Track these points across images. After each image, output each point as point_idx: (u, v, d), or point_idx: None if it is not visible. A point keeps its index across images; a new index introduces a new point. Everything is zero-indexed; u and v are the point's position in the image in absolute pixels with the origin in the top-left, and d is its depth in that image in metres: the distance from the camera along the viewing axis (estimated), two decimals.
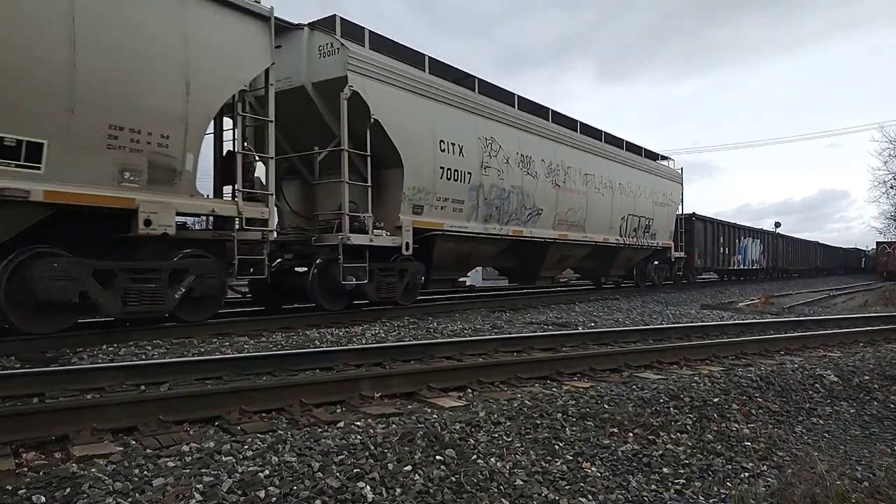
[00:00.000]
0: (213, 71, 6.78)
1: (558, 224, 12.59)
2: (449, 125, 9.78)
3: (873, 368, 5.69)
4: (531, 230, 11.82)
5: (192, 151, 6.59)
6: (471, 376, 4.82)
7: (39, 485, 2.49)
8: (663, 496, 2.96)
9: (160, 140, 6.31)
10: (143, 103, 6.18)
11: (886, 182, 35.20)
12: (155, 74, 6.24)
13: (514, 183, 11.18)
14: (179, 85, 6.46)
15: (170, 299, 6.62)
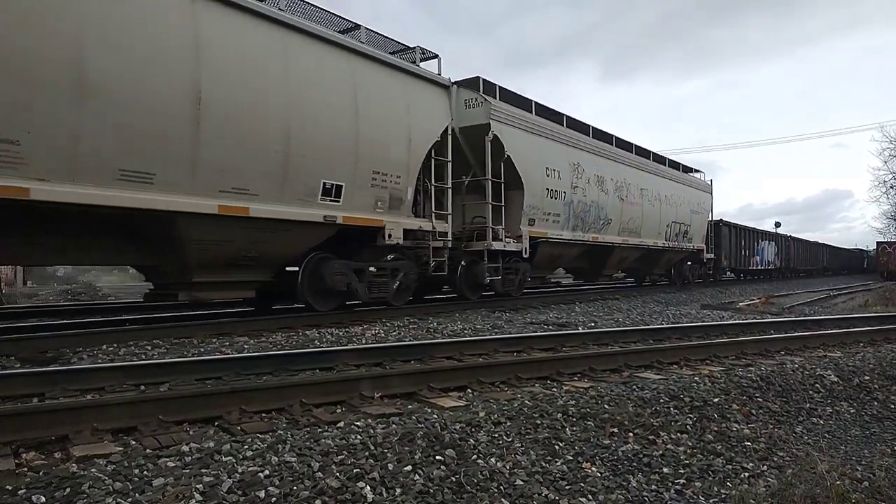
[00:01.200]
0: (422, 129, 9.43)
1: (622, 231, 15.21)
2: (551, 155, 12.43)
3: (873, 368, 5.69)
4: (603, 236, 14.39)
5: (410, 186, 9.28)
6: (471, 376, 4.81)
7: (39, 485, 2.49)
8: (663, 496, 2.96)
9: (395, 180, 8.97)
10: (389, 156, 8.84)
11: (886, 182, 35.29)
12: (394, 136, 8.93)
13: (592, 198, 13.78)
14: (405, 142, 9.12)
15: (391, 289, 9.20)
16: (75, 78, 5.63)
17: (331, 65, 8.05)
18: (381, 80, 8.81)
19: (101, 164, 5.87)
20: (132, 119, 5.99)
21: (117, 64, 5.88)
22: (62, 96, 5.57)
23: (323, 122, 7.85)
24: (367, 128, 8.44)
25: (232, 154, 6.84)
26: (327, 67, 8.00)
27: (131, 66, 5.98)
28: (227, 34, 6.85)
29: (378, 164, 8.67)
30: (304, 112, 7.60)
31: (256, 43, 7.13)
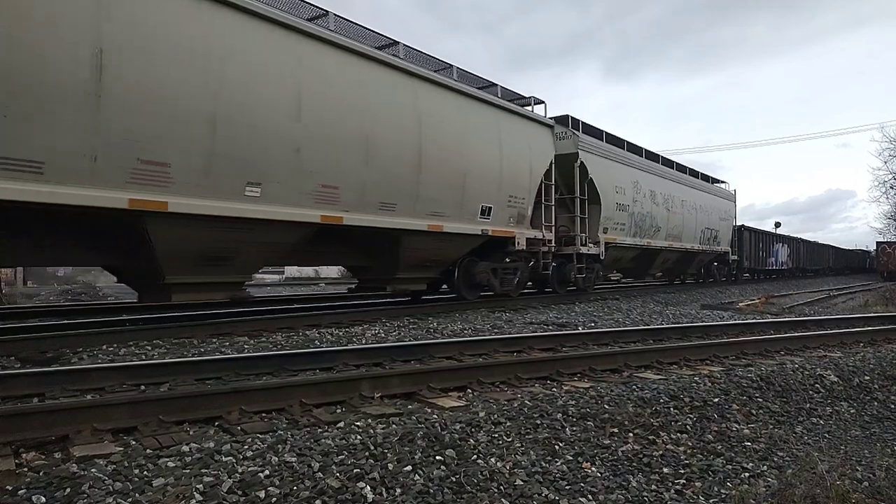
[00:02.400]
0: (538, 160, 12.01)
1: (667, 237, 17.86)
2: (618, 175, 15.08)
3: (874, 368, 5.69)
4: (654, 241, 17.06)
5: (530, 205, 11.88)
6: (471, 376, 4.81)
7: (39, 485, 2.49)
8: (663, 496, 2.96)
9: (521, 201, 11.54)
10: (518, 183, 11.39)
11: (886, 182, 35.28)
12: (521, 168, 11.52)
13: (647, 210, 16.47)
14: (528, 171, 11.71)
15: (514, 283, 11.94)
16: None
17: (486, 119, 10.75)
18: (513, 127, 11.45)
19: (373, 200, 8.55)
20: (393, 170, 8.74)
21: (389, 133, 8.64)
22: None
23: (483, 163, 10.54)
24: (506, 164, 11.08)
25: (436, 191, 9.56)
26: (483, 121, 10.65)
27: (393, 133, 8.71)
28: (434, 107, 9.52)
29: (512, 190, 11.30)
30: (473, 159, 10.27)
31: (445, 108, 9.84)
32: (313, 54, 7.51)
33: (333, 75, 7.77)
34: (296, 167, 7.30)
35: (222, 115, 6.49)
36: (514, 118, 11.52)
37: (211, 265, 7.04)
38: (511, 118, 11.40)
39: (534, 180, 11.85)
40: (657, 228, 17.00)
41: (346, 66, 7.94)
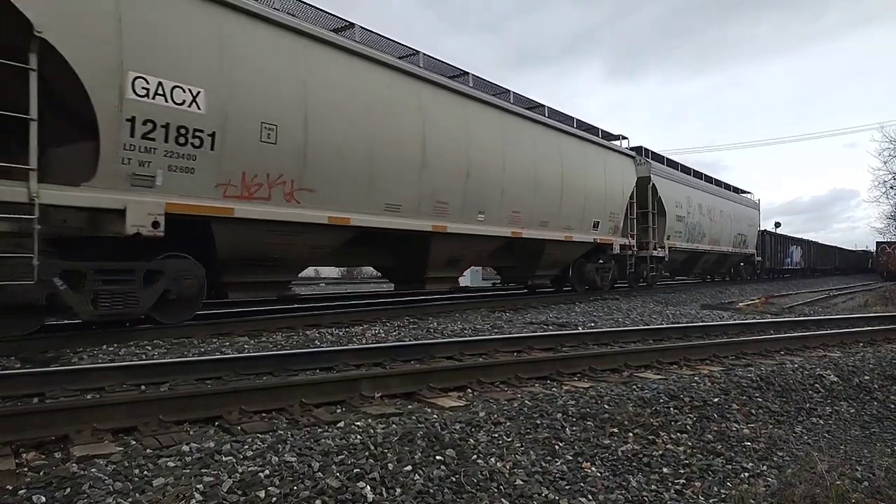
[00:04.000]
0: (627, 184, 15.22)
1: (709, 242, 21.30)
2: (676, 192, 18.40)
3: (873, 368, 5.69)
4: (701, 246, 20.58)
5: (621, 219, 15.02)
6: (471, 376, 4.81)
7: (39, 485, 2.49)
8: (663, 496, 2.96)
9: (617, 216, 14.70)
10: (615, 202, 14.58)
11: (886, 182, 35.29)
12: (617, 191, 14.69)
13: (697, 220, 19.89)
14: (621, 193, 14.89)
15: (608, 281, 15.18)
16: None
17: (597, 156, 14.13)
18: (612, 160, 14.76)
19: (535, 220, 11.87)
20: (550, 199, 12.18)
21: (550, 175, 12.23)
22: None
23: (596, 189, 13.77)
24: (608, 188, 14.27)
25: (569, 211, 12.82)
26: (596, 158, 14.06)
27: (552, 174, 12.27)
28: (572, 152, 12.96)
29: (612, 208, 14.48)
30: (590, 186, 13.57)
31: (576, 150, 13.23)
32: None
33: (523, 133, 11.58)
34: (501, 202, 10.97)
35: (470, 170, 10.09)
36: (612, 153, 14.88)
37: (450, 266, 10.81)
38: (610, 154, 14.77)
39: (624, 199, 15.11)
40: (703, 235, 20.58)
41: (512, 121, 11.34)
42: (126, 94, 5.85)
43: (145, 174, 6.10)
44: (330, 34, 7.97)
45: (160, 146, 6.15)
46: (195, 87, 6.36)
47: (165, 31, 6.16)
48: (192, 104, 6.33)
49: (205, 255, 6.97)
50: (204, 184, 6.56)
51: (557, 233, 12.44)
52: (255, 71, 6.91)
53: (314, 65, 7.58)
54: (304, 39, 7.52)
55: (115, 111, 5.81)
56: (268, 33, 7.12)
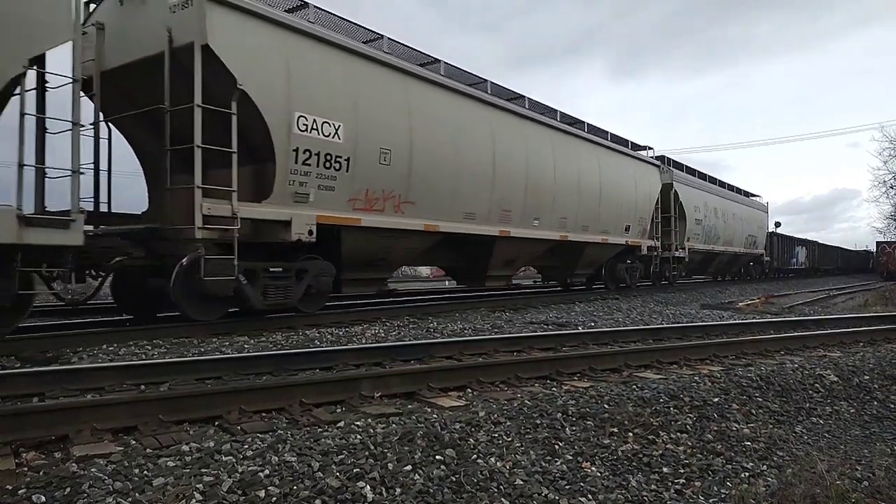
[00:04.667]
0: (654, 192, 17.01)
1: (724, 243, 23.08)
2: (694, 197, 20.04)
3: (873, 368, 5.69)
4: (716, 247, 22.35)
5: (648, 223, 16.70)
6: (471, 376, 4.81)
7: (39, 484, 2.49)
8: (663, 496, 2.96)
9: (645, 220, 16.42)
10: (644, 207, 16.26)
11: (886, 182, 35.28)
12: (645, 198, 16.33)
13: (712, 223, 21.62)
14: (649, 200, 16.65)
15: (636, 278, 16.96)
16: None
17: (629, 166, 15.90)
18: (641, 169, 16.40)
19: (578, 225, 13.45)
20: (588, 205, 13.74)
21: (592, 186, 14.03)
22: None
23: (628, 196, 15.54)
24: (639, 195, 15.99)
25: (607, 216, 14.44)
26: (628, 168, 15.79)
27: (593, 185, 14.00)
28: (610, 163, 14.72)
29: (641, 213, 16.16)
30: (624, 194, 15.27)
31: (613, 162, 14.98)
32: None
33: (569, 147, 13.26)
34: (552, 209, 12.54)
35: (528, 182, 11.63)
36: (641, 163, 16.62)
37: (507, 265, 12.26)
38: (639, 163, 16.50)
39: (651, 205, 16.85)
40: (717, 237, 22.29)
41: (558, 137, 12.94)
42: (293, 129, 7.42)
43: (303, 192, 7.66)
44: (429, 73, 9.66)
45: (313, 170, 7.74)
46: (337, 121, 7.96)
47: (317, 78, 7.83)
48: (335, 136, 7.95)
49: (331, 257, 8.41)
50: (340, 199, 8.15)
51: (596, 236, 14.11)
52: (375, 106, 8.52)
53: (416, 98, 9.20)
54: (410, 78, 9.20)
55: (286, 143, 7.37)
56: (384, 74, 8.76)
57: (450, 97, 9.99)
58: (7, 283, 5.67)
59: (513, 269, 12.79)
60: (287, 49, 7.47)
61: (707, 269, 23.84)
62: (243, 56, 6.92)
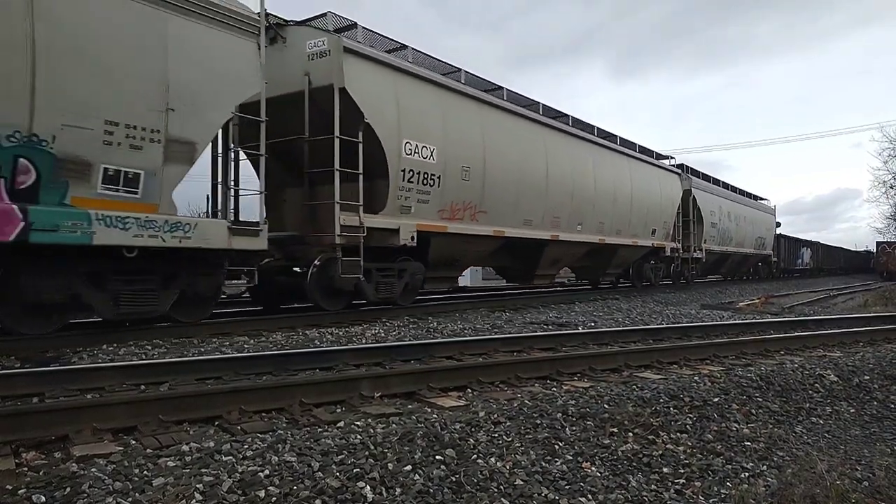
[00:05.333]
0: (675, 197, 18.46)
1: (735, 244, 24.55)
2: (711, 202, 21.63)
3: (873, 368, 5.69)
4: (729, 248, 23.82)
5: (671, 226, 17.97)
6: (471, 376, 4.81)
7: (39, 484, 2.49)
8: (663, 496, 2.96)
9: (668, 224, 17.73)
10: (668, 212, 17.76)
11: (886, 182, 35.29)
12: (668, 203, 17.83)
13: (726, 226, 23.19)
14: (673, 206, 18.08)
15: (658, 276, 18.31)
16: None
17: (656, 176, 17.41)
18: (665, 178, 18.04)
19: (613, 230, 14.86)
20: (621, 212, 15.24)
21: (624, 195, 15.37)
22: None
23: (655, 203, 16.92)
24: (663, 201, 17.50)
25: (637, 221, 15.90)
26: (657, 178, 17.36)
27: (626, 194, 15.43)
28: (641, 174, 16.24)
29: (665, 218, 17.63)
30: (652, 201, 16.75)
31: (644, 173, 16.61)
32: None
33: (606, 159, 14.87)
34: (592, 215, 14.07)
35: (573, 191, 13.19)
36: (664, 172, 18.26)
37: (553, 265, 14.01)
38: (663, 172, 18.09)
39: (674, 210, 18.34)
40: (730, 238, 23.78)
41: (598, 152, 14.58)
42: (402, 153, 8.97)
43: (407, 205, 9.22)
44: (496, 99, 11.26)
45: (414, 187, 9.29)
46: (432, 145, 9.50)
47: (418, 109, 9.39)
48: (430, 157, 9.48)
49: (420, 259, 9.92)
50: (432, 210, 9.71)
51: (627, 239, 15.59)
52: (458, 130, 10.11)
53: (487, 122, 10.83)
54: (483, 105, 10.90)
55: (396, 165, 8.90)
56: (464, 103, 10.48)
57: (512, 119, 11.56)
58: (216, 278, 7.22)
59: (556, 268, 14.50)
60: (397, 86, 9.04)
61: (720, 269, 25.32)
62: (368, 94, 8.48)
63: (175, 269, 6.74)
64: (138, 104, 6.07)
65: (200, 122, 6.62)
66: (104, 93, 5.81)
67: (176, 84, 6.31)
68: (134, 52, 6.03)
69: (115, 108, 5.88)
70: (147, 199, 6.21)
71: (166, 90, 6.24)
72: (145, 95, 6.12)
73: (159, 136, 6.20)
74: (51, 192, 5.54)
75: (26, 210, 5.36)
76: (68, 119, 5.57)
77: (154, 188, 6.23)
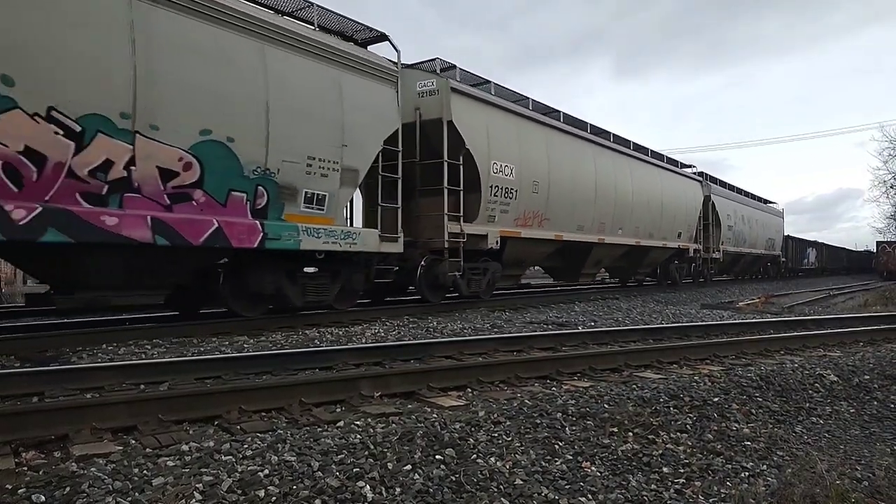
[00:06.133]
0: (699, 204, 20.21)
1: (749, 246, 26.24)
2: (727, 207, 23.37)
3: (873, 368, 5.69)
4: (743, 249, 25.43)
5: (694, 229, 19.76)
6: (470, 376, 4.81)
7: (39, 484, 2.49)
8: (663, 496, 2.96)
9: (692, 228, 19.60)
10: (693, 216, 19.71)
11: (886, 182, 35.28)
12: (693, 209, 19.59)
13: (741, 228, 24.95)
14: (696, 210, 19.82)
15: (682, 275, 20.12)
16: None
17: (685, 185, 19.43)
18: (690, 186, 19.94)
19: (646, 233, 16.54)
20: (651, 217, 16.79)
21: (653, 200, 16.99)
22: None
23: (683, 210, 18.81)
24: (687, 207, 19.12)
25: (667, 226, 17.50)
26: (684, 187, 19.13)
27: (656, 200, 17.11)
28: (671, 183, 18.12)
29: (688, 221, 19.15)
30: (680, 208, 18.51)
31: (676, 182, 18.64)
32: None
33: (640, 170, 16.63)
34: (630, 220, 15.81)
35: (616, 199, 14.97)
36: (689, 180, 20.07)
37: (596, 265, 15.58)
38: (687, 180, 19.87)
39: (696, 215, 19.97)
40: (744, 240, 25.48)
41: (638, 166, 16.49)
42: (490, 172, 10.79)
43: (492, 215, 11.00)
44: (555, 122, 13.16)
45: (498, 200, 11.06)
46: (512, 164, 11.29)
47: (502, 135, 11.17)
48: (511, 175, 11.26)
49: (496, 260, 11.53)
50: (510, 219, 11.45)
51: (658, 241, 17.30)
52: (530, 150, 11.89)
53: (551, 142, 12.72)
54: (547, 128, 12.80)
55: (487, 182, 10.71)
56: (534, 127, 12.36)
57: (568, 138, 13.50)
58: (365, 276, 9.11)
59: (598, 268, 16.42)
60: (486, 117, 10.90)
61: (733, 269, 27.08)
62: (467, 125, 10.25)
63: (339, 268, 8.59)
64: (326, 143, 7.95)
65: (362, 153, 8.49)
66: (307, 136, 7.69)
67: (348, 126, 8.17)
68: (325, 105, 7.95)
69: (313, 147, 7.78)
70: (329, 214, 8.12)
71: (342, 131, 8.11)
72: (330, 136, 8.00)
73: (337, 166, 8.10)
74: (274, 211, 7.40)
75: (263, 224, 7.23)
76: (286, 157, 7.43)
77: (333, 206, 8.16)
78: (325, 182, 7.94)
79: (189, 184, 6.46)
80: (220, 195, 6.79)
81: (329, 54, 7.99)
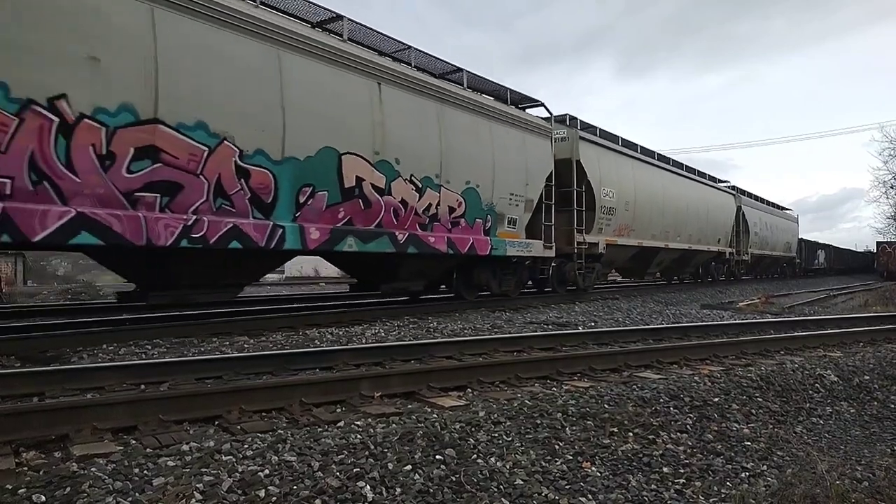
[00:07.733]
0: (733, 211, 23.43)
1: (770, 248, 28.87)
2: (754, 215, 26.11)
3: (873, 368, 5.69)
4: (766, 251, 28.06)
5: (729, 235, 23.12)
6: (471, 376, 4.81)
7: (39, 484, 2.49)
8: (663, 496, 2.96)
9: (728, 234, 22.98)
10: (729, 223, 23.15)
11: (886, 182, 35.29)
12: (729, 216, 23.10)
13: (764, 234, 27.55)
14: (732, 218, 23.31)
15: (719, 273, 23.77)
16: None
17: (717, 194, 21.98)
18: (725, 198, 22.85)
19: (694, 238, 19.54)
20: (693, 222, 19.52)
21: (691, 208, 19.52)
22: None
23: (718, 216, 21.48)
24: (724, 216, 22.23)
25: (710, 231, 20.83)
26: (720, 197, 22.22)
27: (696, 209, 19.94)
28: (707, 196, 21.13)
29: (725, 229, 22.27)
30: (719, 215, 21.68)
31: (714, 194, 21.81)
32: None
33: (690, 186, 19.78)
34: (685, 228, 18.66)
35: (676, 211, 17.95)
36: (725, 193, 23.21)
37: (656, 266, 18.29)
38: (723, 193, 23.04)
39: (731, 222, 22.89)
40: (767, 243, 28.24)
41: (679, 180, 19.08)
42: (601, 196, 13.94)
43: (600, 228, 14.03)
44: (637, 153, 16.48)
45: (604, 216, 14.15)
46: (613, 189, 14.42)
47: (608, 167, 14.42)
48: (613, 197, 14.40)
49: (597, 262, 14.43)
50: (611, 231, 14.52)
51: (703, 246, 20.17)
52: (624, 177, 15.13)
53: (636, 170, 15.95)
54: (634, 160, 16.07)
55: (599, 203, 13.80)
56: (626, 159, 15.63)
57: (645, 166, 16.72)
58: (529, 272, 12.53)
59: (658, 269, 19.44)
60: (597, 154, 14.06)
61: (756, 269, 29.70)
62: (588, 162, 13.45)
63: (514, 267, 11.95)
64: (518, 183, 11.29)
65: (535, 188, 11.83)
66: (510, 180, 11.04)
67: (529, 169, 11.57)
68: (518, 157, 11.33)
69: (512, 186, 11.12)
70: (518, 231, 11.44)
71: (526, 174, 11.48)
72: (520, 178, 11.35)
73: (522, 198, 11.44)
74: (494, 230, 10.78)
75: (491, 240, 10.62)
76: (500, 194, 10.82)
77: (520, 225, 11.48)
78: (516, 209, 11.35)
79: (459, 214, 9.96)
80: (472, 221, 10.23)
81: (520, 123, 11.53)
